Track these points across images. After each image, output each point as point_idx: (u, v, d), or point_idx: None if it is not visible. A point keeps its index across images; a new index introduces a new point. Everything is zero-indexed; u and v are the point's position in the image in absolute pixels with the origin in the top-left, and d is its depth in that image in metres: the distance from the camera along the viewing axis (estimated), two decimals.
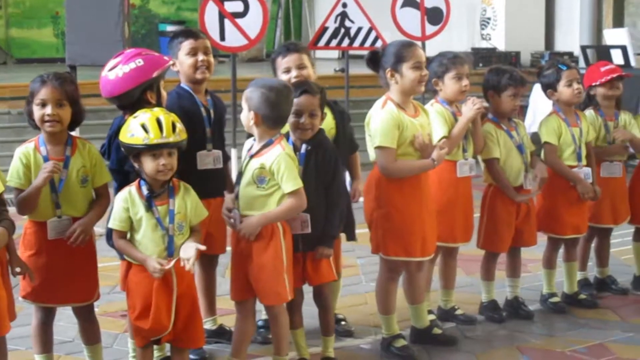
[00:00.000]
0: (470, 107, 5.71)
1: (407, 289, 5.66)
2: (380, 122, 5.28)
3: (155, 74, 4.86)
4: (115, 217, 4.57)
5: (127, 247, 4.61)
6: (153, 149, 4.46)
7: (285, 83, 5.13)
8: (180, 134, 4.53)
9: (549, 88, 6.29)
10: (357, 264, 7.27)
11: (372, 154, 5.38)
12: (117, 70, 4.85)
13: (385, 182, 5.35)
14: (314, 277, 5.19)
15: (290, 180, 4.80)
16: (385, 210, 5.36)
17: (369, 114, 5.40)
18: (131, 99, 4.85)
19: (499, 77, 6.00)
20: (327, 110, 5.33)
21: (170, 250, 4.56)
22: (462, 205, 5.88)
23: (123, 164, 4.80)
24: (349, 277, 6.80)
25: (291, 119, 5.07)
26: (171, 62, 5.09)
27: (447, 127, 5.66)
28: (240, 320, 5.06)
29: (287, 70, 5.49)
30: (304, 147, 5.11)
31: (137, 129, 4.47)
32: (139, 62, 4.85)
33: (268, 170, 4.81)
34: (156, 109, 4.58)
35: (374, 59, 5.43)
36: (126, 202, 4.56)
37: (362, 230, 5.41)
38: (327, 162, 5.13)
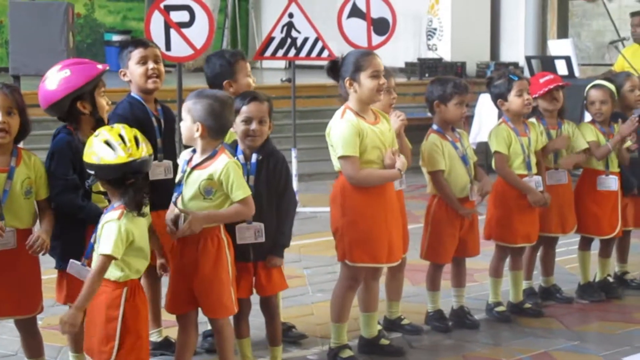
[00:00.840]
0: (395, 120, 5.73)
1: (362, 297, 5.66)
2: (340, 132, 5.29)
3: (83, 84, 4.81)
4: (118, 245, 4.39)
5: None
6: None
7: (227, 93, 5.13)
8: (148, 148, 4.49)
9: (500, 98, 6.32)
10: (304, 275, 7.25)
11: (336, 164, 5.39)
12: (47, 81, 4.85)
13: (350, 191, 5.36)
14: (267, 287, 5.19)
15: (240, 188, 4.80)
16: (351, 218, 5.37)
17: (329, 124, 5.41)
18: (62, 110, 4.84)
19: (444, 86, 6.03)
20: None
21: None
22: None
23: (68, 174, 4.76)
24: (296, 288, 6.78)
25: (241, 126, 5.07)
26: (103, 70, 4.98)
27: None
28: (182, 333, 5.02)
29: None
30: (254, 156, 5.10)
31: (103, 149, 4.37)
32: (66, 72, 4.82)
33: (216, 181, 4.78)
34: (116, 126, 4.51)
35: (334, 68, 5.43)
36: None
37: (306, 241, 5.40)
38: (279, 172, 5.15)
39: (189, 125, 4.82)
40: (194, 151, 4.88)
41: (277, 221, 5.15)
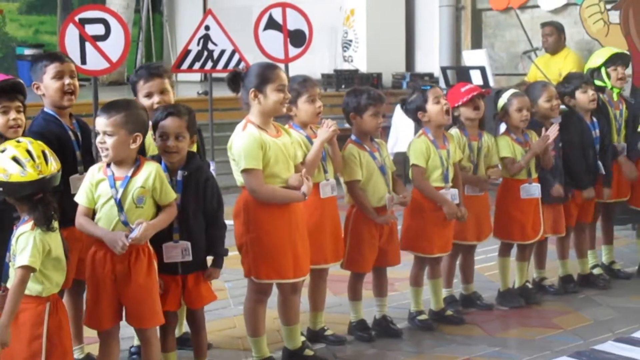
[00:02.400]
0: (326, 130, 5.73)
1: (283, 311, 5.65)
2: (242, 145, 5.25)
3: None
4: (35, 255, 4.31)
5: None
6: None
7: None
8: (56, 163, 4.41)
9: (419, 110, 6.34)
10: (225, 288, 7.21)
11: (238, 179, 5.35)
12: None
13: (254, 206, 5.33)
14: (196, 299, 5.17)
15: (169, 191, 4.86)
16: (255, 234, 5.34)
17: (230, 138, 5.37)
18: None
19: (358, 98, 6.05)
20: None
21: None
22: (330, 226, 5.89)
23: None
24: (217, 302, 6.70)
25: (159, 142, 5.02)
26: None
27: (302, 152, 5.65)
28: (104, 348, 4.95)
29: (149, 95, 5.42)
30: (179, 173, 5.06)
31: (11, 166, 4.28)
32: None
33: (149, 188, 4.78)
34: (22, 140, 4.43)
35: (235, 80, 5.41)
36: None
37: (228, 254, 5.35)
38: (210, 188, 5.12)
39: (123, 138, 4.76)
40: (109, 165, 4.81)
41: (214, 234, 5.14)
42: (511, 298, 6.93)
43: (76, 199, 4.84)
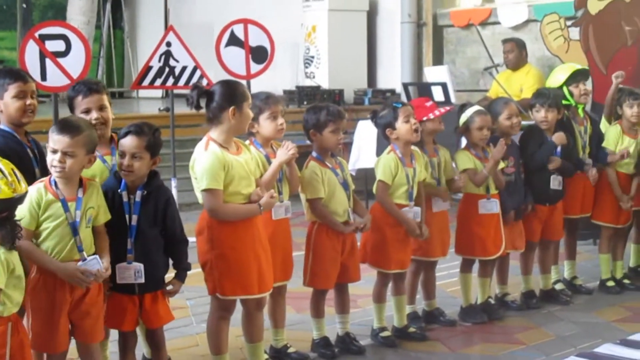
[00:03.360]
0: (285, 152, 5.70)
1: (247, 328, 5.61)
2: (205, 165, 5.22)
3: None
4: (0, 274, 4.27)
5: None
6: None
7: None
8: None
9: (388, 127, 6.34)
10: (187, 306, 7.16)
11: (200, 197, 5.32)
12: None
13: (217, 224, 5.30)
14: (153, 319, 5.14)
15: (107, 210, 4.89)
16: (220, 251, 5.31)
17: (193, 157, 5.34)
18: None
19: (318, 114, 6.03)
20: None
21: None
22: (280, 246, 5.84)
23: None
24: (179, 319, 6.67)
25: (118, 159, 5.00)
26: None
27: (259, 171, 5.62)
28: None
29: (87, 111, 5.34)
30: (139, 193, 5.03)
31: None
32: None
33: (97, 208, 4.78)
34: None
35: (202, 97, 5.36)
36: None
37: (188, 272, 5.31)
38: (168, 208, 5.11)
39: (82, 159, 4.74)
40: (54, 182, 4.76)
41: (177, 251, 5.15)
42: (474, 314, 6.94)
43: (21, 221, 4.69)
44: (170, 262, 5.22)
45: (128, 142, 5.00)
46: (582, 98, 7.63)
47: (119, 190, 5.01)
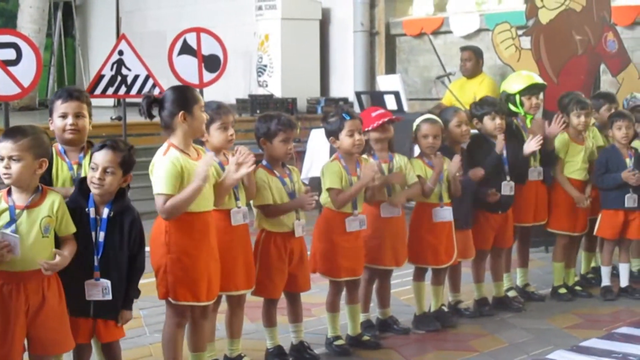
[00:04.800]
0: (237, 159, 5.68)
1: (190, 336, 5.58)
2: (163, 169, 5.20)
3: None
4: None
5: None
6: None
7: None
8: None
9: (332, 135, 6.37)
10: (140, 316, 7.11)
11: (155, 203, 5.29)
12: None
13: (175, 228, 5.27)
14: (104, 334, 5.10)
15: (70, 223, 4.82)
16: (176, 255, 5.28)
17: (152, 161, 5.31)
18: None
19: (268, 123, 6.03)
20: None
21: None
22: (241, 253, 5.82)
23: None
24: (133, 330, 6.64)
25: (89, 172, 4.96)
26: None
27: (213, 179, 5.58)
28: None
29: (64, 116, 5.32)
30: (106, 211, 5.00)
31: None
32: None
33: (54, 216, 4.73)
34: None
35: (152, 105, 5.33)
36: None
37: (141, 282, 5.27)
38: (135, 230, 5.07)
39: (29, 164, 4.69)
40: (10, 194, 4.71)
41: (131, 276, 5.10)
42: (427, 322, 6.96)
43: None
44: None
45: (102, 156, 4.96)
46: (532, 110, 7.68)
47: (87, 209, 4.97)
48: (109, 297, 4.97)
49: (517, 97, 7.68)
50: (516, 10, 11.11)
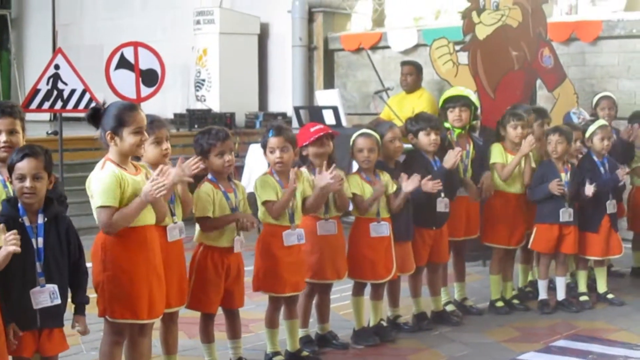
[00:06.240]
0: (179, 172, 5.64)
1: (128, 354, 5.53)
2: (100, 183, 5.15)
3: None
4: None
5: None
6: None
7: None
8: None
9: (263, 148, 6.38)
10: (76, 333, 6.99)
11: (97, 217, 5.23)
12: None
13: (111, 245, 5.22)
14: (49, 347, 5.03)
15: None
16: (112, 272, 5.23)
17: (89, 176, 5.26)
18: None
19: (201, 140, 6.03)
20: None
21: None
22: (175, 269, 5.76)
23: None
24: (70, 347, 6.53)
25: (17, 184, 4.89)
26: None
27: None
28: None
29: None
30: (40, 217, 4.94)
31: None
32: None
33: None
34: None
35: (95, 116, 5.28)
36: None
37: None
38: (71, 235, 5.04)
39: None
40: None
41: (78, 281, 5.09)
42: (366, 336, 6.96)
43: None
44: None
45: (27, 164, 4.90)
46: (455, 122, 7.70)
47: (20, 218, 4.90)
48: (58, 300, 4.93)
49: (442, 110, 7.77)
50: (454, 25, 11.16)
